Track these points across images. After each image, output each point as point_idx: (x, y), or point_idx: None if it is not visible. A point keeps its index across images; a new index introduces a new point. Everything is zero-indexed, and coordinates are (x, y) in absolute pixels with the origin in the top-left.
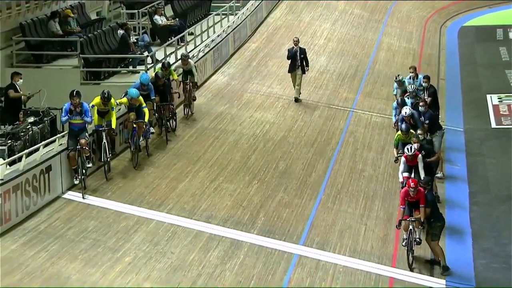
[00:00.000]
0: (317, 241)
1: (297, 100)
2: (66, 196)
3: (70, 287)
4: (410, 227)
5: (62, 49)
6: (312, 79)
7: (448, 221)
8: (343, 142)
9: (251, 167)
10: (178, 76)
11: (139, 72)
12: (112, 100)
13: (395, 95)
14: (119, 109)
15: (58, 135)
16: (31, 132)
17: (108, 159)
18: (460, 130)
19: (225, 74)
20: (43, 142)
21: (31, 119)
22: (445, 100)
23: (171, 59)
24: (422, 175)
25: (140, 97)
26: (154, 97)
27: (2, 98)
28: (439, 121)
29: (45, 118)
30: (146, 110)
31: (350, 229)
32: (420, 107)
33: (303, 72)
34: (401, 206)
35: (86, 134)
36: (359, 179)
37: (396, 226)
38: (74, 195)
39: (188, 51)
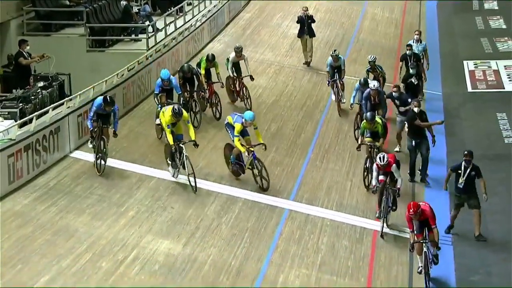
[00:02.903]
0: (306, 197)
1: (307, 64)
2: (73, 155)
3: (78, 238)
4: (425, 249)
5: (69, 19)
6: (301, 47)
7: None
8: (330, 105)
9: None
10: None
11: (141, 40)
12: (185, 113)
13: (328, 71)
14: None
15: (66, 99)
16: (41, 96)
17: (194, 173)
18: (439, 94)
19: (221, 42)
20: (52, 105)
21: (41, 84)
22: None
23: (171, 28)
24: (399, 183)
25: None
26: (180, 93)
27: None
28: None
29: (54, 83)
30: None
31: (337, 185)
32: (393, 93)
33: (311, 36)
34: (411, 230)
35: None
36: (345, 139)
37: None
38: (81, 154)
39: (186, 21)
